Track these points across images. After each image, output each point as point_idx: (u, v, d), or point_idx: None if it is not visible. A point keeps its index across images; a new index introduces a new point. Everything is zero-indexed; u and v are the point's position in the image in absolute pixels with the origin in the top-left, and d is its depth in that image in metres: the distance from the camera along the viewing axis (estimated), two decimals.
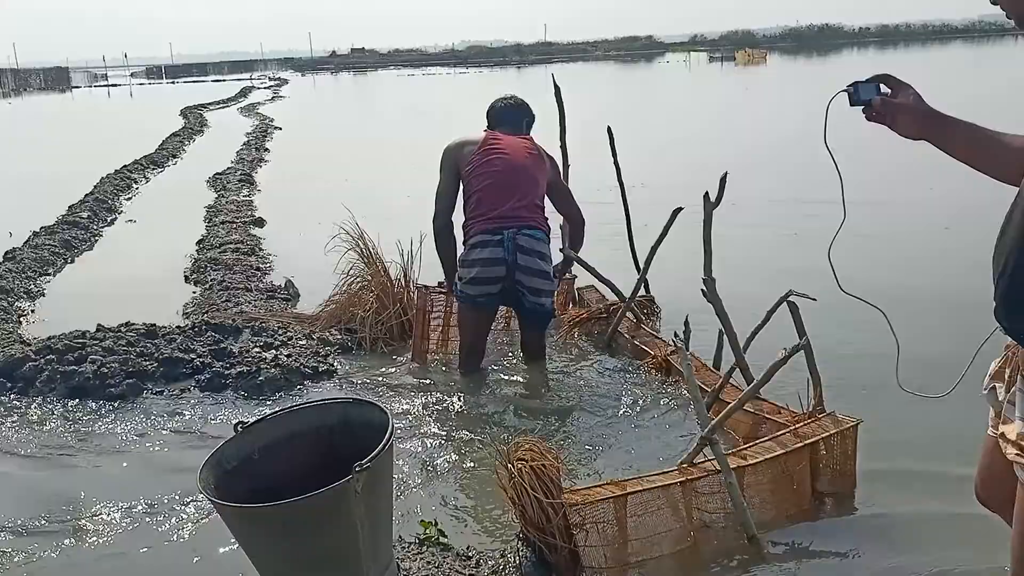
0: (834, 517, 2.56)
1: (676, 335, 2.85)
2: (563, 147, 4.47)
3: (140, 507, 2.69)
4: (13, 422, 3.38)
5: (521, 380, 3.70)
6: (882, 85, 1.55)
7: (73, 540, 2.52)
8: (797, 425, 2.68)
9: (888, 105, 1.53)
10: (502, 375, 3.76)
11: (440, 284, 3.97)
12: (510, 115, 3.82)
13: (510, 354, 3.98)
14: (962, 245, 5.36)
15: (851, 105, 1.54)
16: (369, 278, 4.21)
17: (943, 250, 5.51)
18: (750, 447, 2.60)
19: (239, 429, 2.02)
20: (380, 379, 3.72)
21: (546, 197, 3.75)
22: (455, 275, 3.70)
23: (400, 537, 2.29)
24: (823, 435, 2.62)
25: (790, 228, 6.29)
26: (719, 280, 2.98)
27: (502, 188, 3.55)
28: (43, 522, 2.62)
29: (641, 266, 3.98)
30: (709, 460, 2.44)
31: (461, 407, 3.41)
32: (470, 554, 2.26)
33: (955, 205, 6.42)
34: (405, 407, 3.38)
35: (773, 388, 2.94)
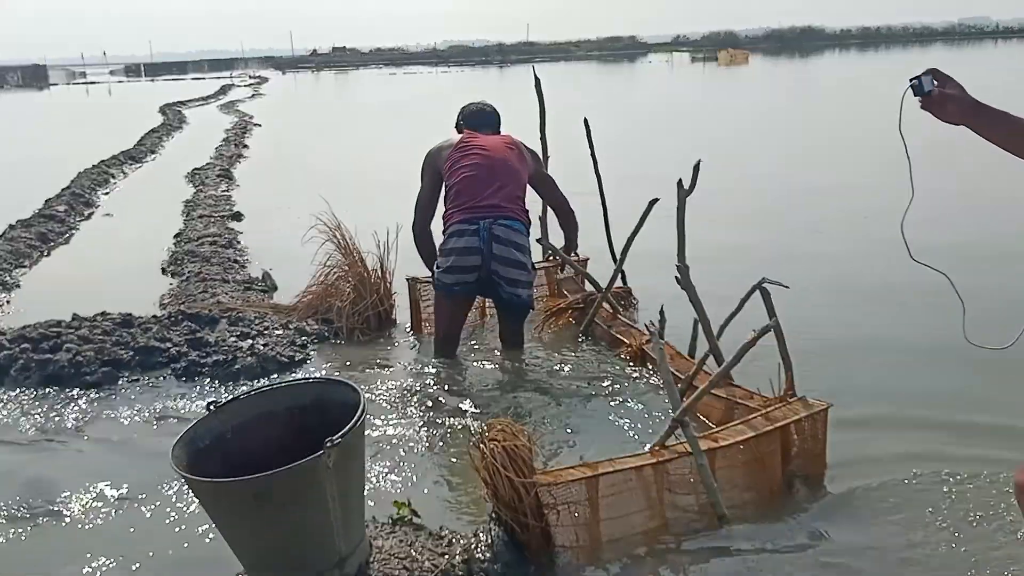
0: (804, 499, 2.60)
1: (650, 323, 2.90)
2: (543, 139, 4.52)
3: (117, 491, 2.68)
4: None
5: (497, 367, 3.73)
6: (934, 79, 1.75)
7: (51, 524, 2.52)
8: (768, 409, 2.72)
9: (940, 95, 1.73)
10: (478, 361, 3.79)
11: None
12: (486, 118, 3.91)
13: (487, 341, 4.00)
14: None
15: (915, 95, 1.75)
16: (346, 269, 4.21)
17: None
18: (721, 430, 2.64)
19: (212, 408, 2.03)
20: (356, 367, 3.73)
21: (531, 189, 3.80)
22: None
23: (373, 517, 2.30)
24: (794, 419, 2.66)
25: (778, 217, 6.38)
26: (698, 268, 3.02)
27: (480, 179, 3.58)
28: (20, 507, 2.61)
29: (618, 257, 4.02)
30: (681, 443, 2.48)
31: (436, 391, 3.43)
32: (443, 533, 2.28)
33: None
34: (380, 392, 3.40)
35: (746, 374, 2.99)
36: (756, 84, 26.58)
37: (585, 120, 4.24)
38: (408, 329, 4.20)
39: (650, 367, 3.51)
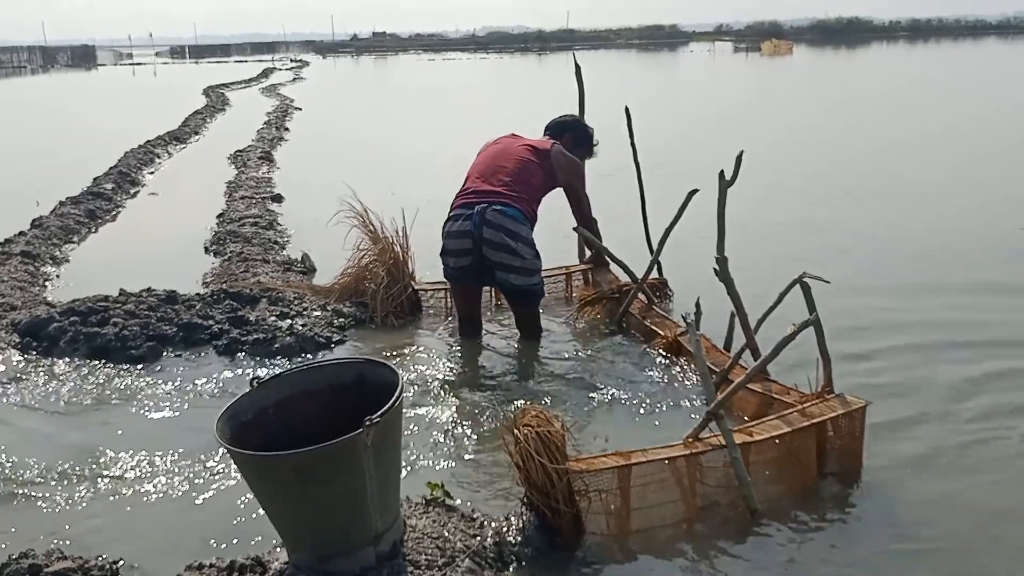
0: (838, 497, 2.58)
1: (686, 315, 2.89)
2: None
3: (160, 461, 2.77)
4: (38, 379, 3.48)
5: (530, 354, 3.74)
6: None
7: (96, 491, 2.60)
8: (805, 405, 2.70)
9: None
10: (511, 348, 3.81)
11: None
12: (556, 126, 4.10)
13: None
14: None
15: None
16: (375, 254, 4.25)
17: None
18: (756, 425, 2.62)
19: (255, 384, 2.08)
20: (391, 350, 3.78)
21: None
22: None
23: (407, 497, 2.34)
24: (831, 415, 2.63)
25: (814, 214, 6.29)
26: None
27: (484, 168, 3.74)
28: (65, 473, 2.71)
29: (655, 247, 3.99)
30: (715, 435, 2.47)
31: (470, 377, 3.47)
32: (475, 516, 2.30)
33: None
34: (415, 375, 3.44)
35: (783, 369, 2.97)
36: (800, 75, 26.06)
37: (626, 108, 4.21)
38: (441, 314, 4.24)
39: (684, 359, 3.49)
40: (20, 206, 6.80)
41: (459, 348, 3.81)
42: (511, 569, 2.17)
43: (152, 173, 9.34)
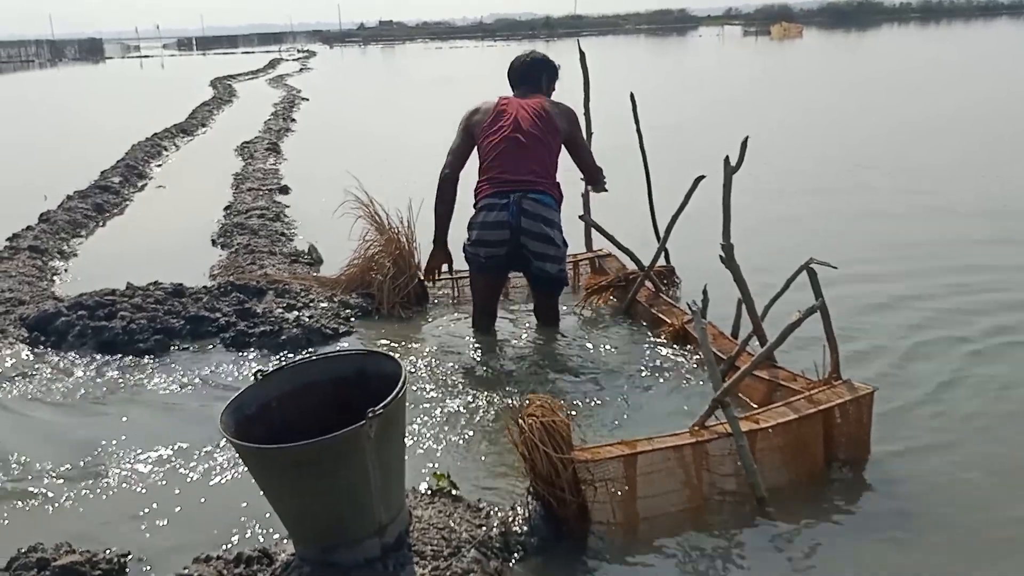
0: (845, 484, 2.56)
1: (692, 302, 2.86)
2: (587, 115, 4.45)
3: (167, 454, 2.78)
4: (45, 373, 3.50)
5: (536, 343, 3.73)
6: None
7: (103, 484, 2.62)
8: (812, 392, 2.68)
9: None
10: (518, 338, 3.80)
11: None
12: (528, 71, 3.85)
13: (526, 317, 4.00)
14: None
15: None
16: (382, 245, 4.24)
17: None
18: (763, 412, 2.61)
19: (258, 377, 2.08)
20: (397, 340, 3.78)
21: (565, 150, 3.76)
22: (443, 231, 3.77)
23: (413, 487, 2.34)
24: (838, 402, 2.62)
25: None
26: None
27: (510, 153, 3.58)
28: (73, 466, 2.72)
29: (661, 235, 3.96)
30: (721, 423, 2.46)
31: (475, 367, 3.46)
32: (480, 506, 2.30)
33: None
34: (421, 365, 3.43)
35: (790, 356, 2.95)
36: (810, 58, 25.80)
37: (631, 95, 4.17)
38: (448, 304, 4.24)
39: (692, 347, 3.47)
40: (28, 201, 6.83)
41: (466, 338, 3.80)
42: (517, 559, 2.17)
43: (159, 166, 9.36)
